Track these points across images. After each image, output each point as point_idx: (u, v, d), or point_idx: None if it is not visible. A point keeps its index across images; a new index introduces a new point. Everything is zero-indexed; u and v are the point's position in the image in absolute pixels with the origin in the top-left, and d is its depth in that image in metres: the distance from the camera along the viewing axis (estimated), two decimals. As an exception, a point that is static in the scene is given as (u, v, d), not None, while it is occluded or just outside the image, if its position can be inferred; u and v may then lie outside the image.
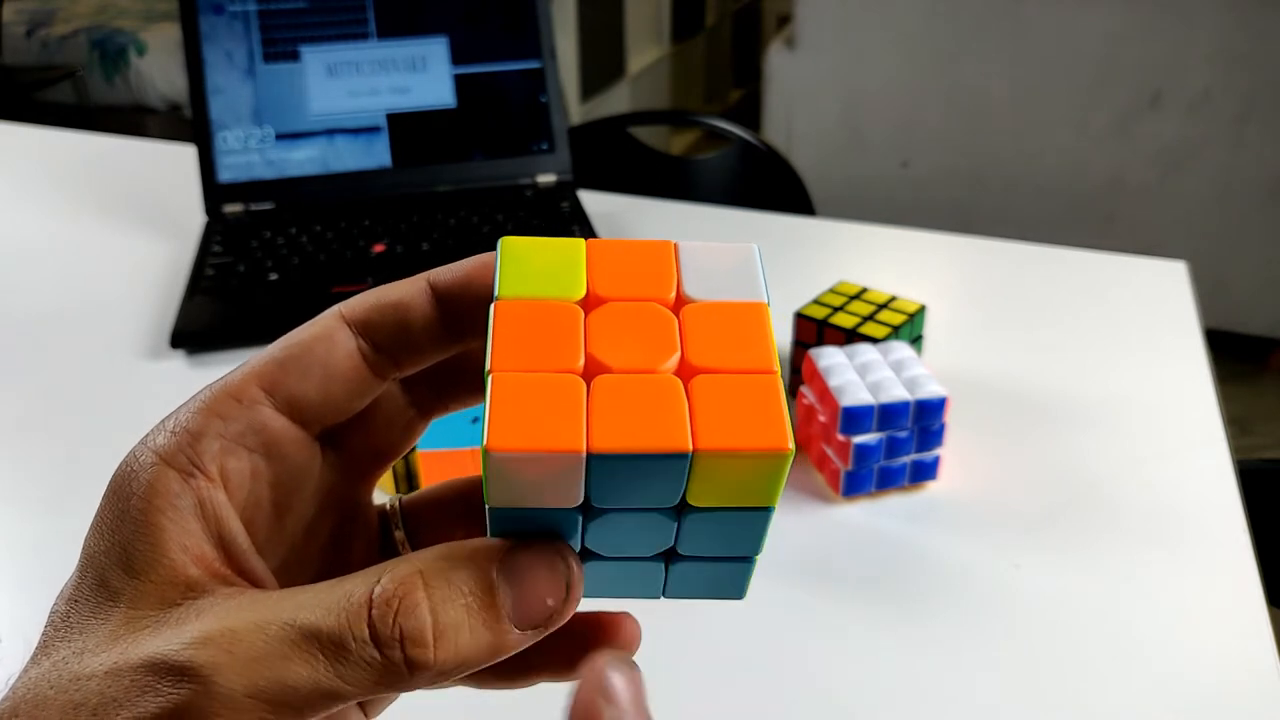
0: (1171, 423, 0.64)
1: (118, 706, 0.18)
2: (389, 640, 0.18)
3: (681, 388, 0.19)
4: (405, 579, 0.19)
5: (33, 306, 0.79)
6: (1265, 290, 2.02)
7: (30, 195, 0.99)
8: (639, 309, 0.21)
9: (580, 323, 0.20)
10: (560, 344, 0.20)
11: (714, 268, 0.22)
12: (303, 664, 0.18)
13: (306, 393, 0.22)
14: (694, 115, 1.30)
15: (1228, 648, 0.48)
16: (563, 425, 0.18)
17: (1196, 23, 1.89)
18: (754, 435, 0.19)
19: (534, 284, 0.21)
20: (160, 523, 0.20)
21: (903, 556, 0.53)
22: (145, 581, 0.19)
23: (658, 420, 0.19)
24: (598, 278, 0.21)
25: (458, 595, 0.19)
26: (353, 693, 0.18)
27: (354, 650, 0.18)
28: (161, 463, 0.20)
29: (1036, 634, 0.49)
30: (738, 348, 0.20)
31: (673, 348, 0.20)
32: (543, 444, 0.18)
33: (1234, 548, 0.54)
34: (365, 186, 0.86)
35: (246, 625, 0.18)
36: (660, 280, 0.21)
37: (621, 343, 0.20)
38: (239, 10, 0.84)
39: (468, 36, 0.88)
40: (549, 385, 0.19)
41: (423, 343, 0.22)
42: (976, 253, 0.87)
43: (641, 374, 0.19)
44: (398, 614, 0.18)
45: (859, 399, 0.54)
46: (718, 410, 0.19)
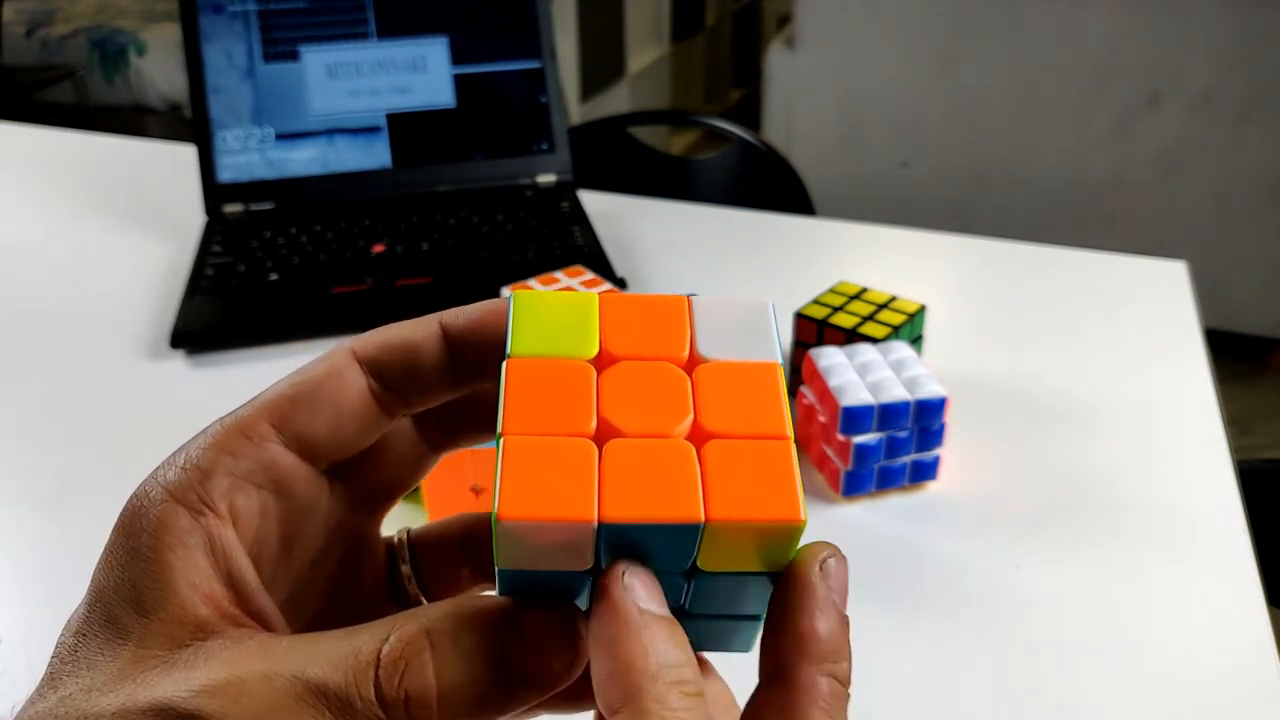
0: (1171, 423, 0.64)
1: None
2: (394, 702, 0.18)
3: (694, 454, 0.19)
4: (412, 639, 0.19)
5: (32, 306, 0.79)
6: (1265, 290, 2.02)
7: (30, 195, 0.99)
8: (652, 369, 0.20)
9: (593, 383, 0.20)
10: (572, 406, 0.19)
11: (727, 324, 0.21)
12: (308, 719, 0.18)
13: (316, 430, 0.22)
14: (694, 115, 1.30)
15: (1228, 648, 0.48)
16: (574, 493, 0.18)
17: (1196, 23, 1.89)
18: (766, 506, 0.19)
19: (546, 341, 0.20)
20: (170, 561, 0.20)
21: (903, 556, 0.53)
22: (154, 620, 0.19)
23: (670, 489, 0.18)
24: (610, 335, 0.21)
25: (464, 658, 0.19)
26: None
27: (360, 709, 0.18)
28: (171, 499, 0.20)
29: (1036, 634, 0.49)
30: (751, 411, 0.20)
31: (685, 411, 0.20)
32: (553, 513, 0.18)
33: (1234, 548, 0.54)
34: (365, 186, 0.86)
35: (254, 675, 0.18)
36: (673, 337, 0.21)
37: (634, 405, 0.20)
38: (239, 10, 0.84)
39: (468, 36, 0.88)
40: (561, 450, 0.19)
41: (432, 384, 0.22)
42: (976, 253, 0.87)
43: (654, 439, 0.19)
44: (404, 676, 0.18)
45: (859, 399, 0.54)
46: (730, 479, 0.19)
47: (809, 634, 0.19)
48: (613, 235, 0.87)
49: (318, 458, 0.22)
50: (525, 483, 0.18)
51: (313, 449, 0.22)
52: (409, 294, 0.76)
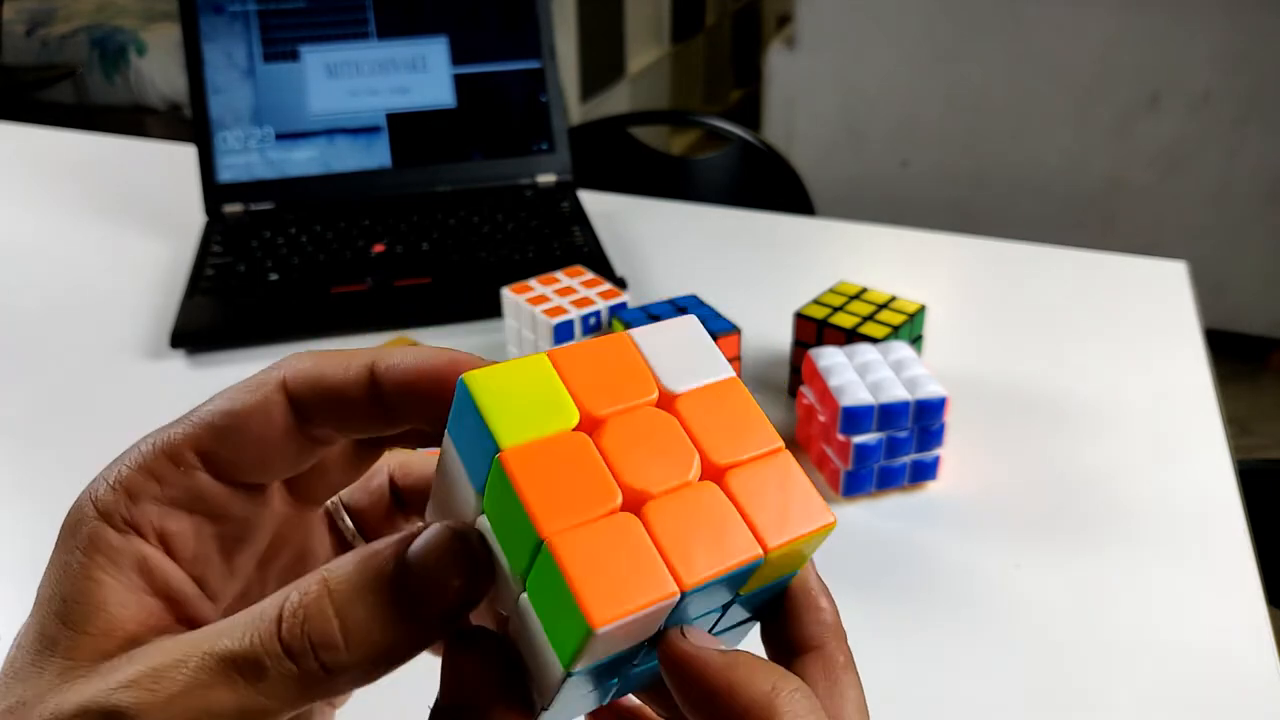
0: (1171, 422, 0.64)
1: None
2: (301, 651, 0.18)
3: (723, 495, 0.19)
4: (311, 589, 0.19)
5: (32, 306, 0.79)
6: (1265, 290, 2.02)
7: (30, 195, 0.99)
8: (639, 419, 0.20)
9: (594, 451, 0.19)
10: (590, 482, 0.19)
11: (674, 352, 0.21)
12: (224, 690, 0.18)
13: (241, 462, 0.22)
14: (694, 115, 1.30)
15: (1228, 647, 0.48)
16: (646, 573, 0.18)
17: (1196, 24, 1.89)
18: (805, 518, 0.20)
19: (527, 421, 0.19)
20: (99, 578, 0.20)
21: (902, 556, 0.53)
22: (81, 634, 0.20)
23: (723, 535, 0.19)
24: (582, 395, 0.20)
25: (362, 594, 0.19)
26: (279, 707, 0.19)
27: (270, 667, 0.18)
28: (101, 518, 0.20)
29: (1036, 633, 0.49)
30: (741, 432, 0.20)
31: (690, 451, 0.20)
32: (640, 601, 0.18)
33: (1234, 548, 0.54)
34: (365, 186, 0.86)
35: (168, 663, 0.19)
36: (638, 380, 0.21)
37: (643, 460, 0.19)
38: (239, 10, 0.84)
39: (468, 36, 0.88)
40: (609, 534, 0.18)
41: (361, 425, 0.22)
42: (976, 253, 0.87)
43: (681, 490, 0.19)
44: (305, 623, 0.18)
45: (859, 399, 0.54)
46: (763, 505, 0.20)
47: (826, 610, 0.22)
48: (613, 235, 0.87)
49: (248, 484, 0.22)
50: (598, 582, 0.18)
51: (241, 477, 0.22)
52: (409, 294, 0.76)
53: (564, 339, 0.63)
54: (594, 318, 0.64)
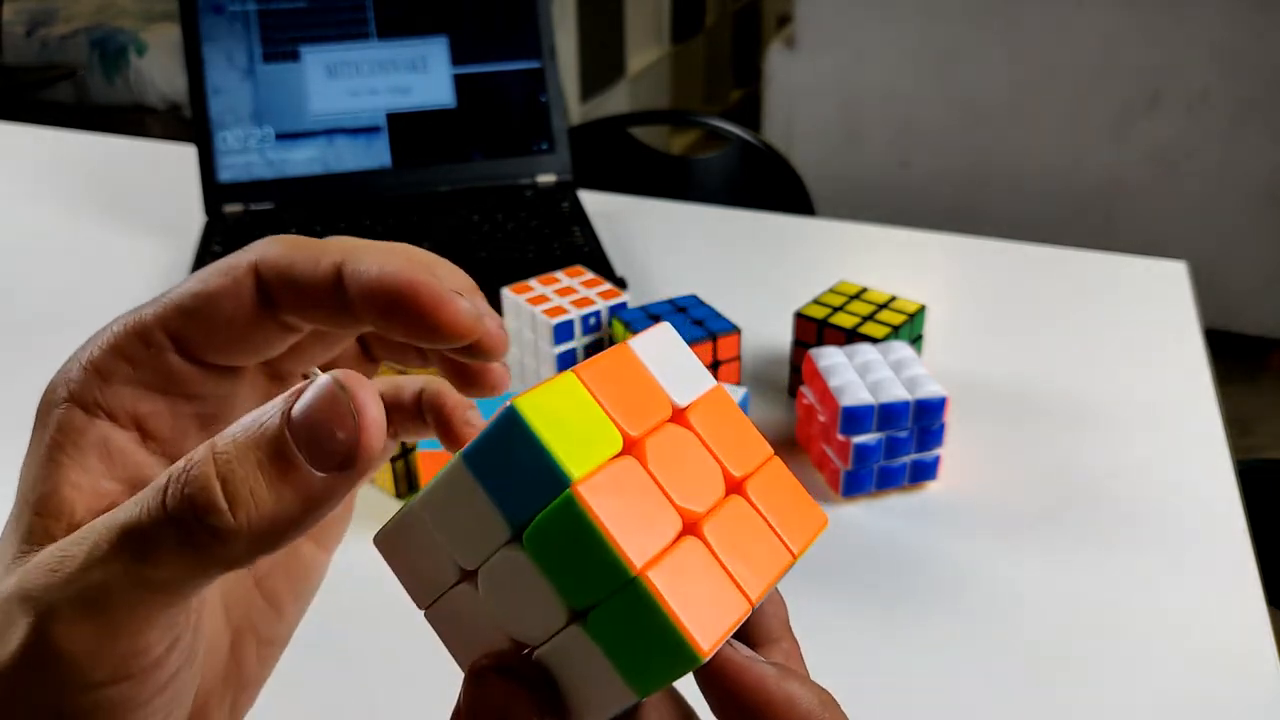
0: (1171, 423, 0.64)
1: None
2: (185, 518, 0.18)
3: (750, 508, 0.21)
4: (197, 453, 0.18)
5: (32, 306, 0.79)
6: (1265, 290, 2.03)
7: (30, 195, 0.99)
8: (669, 438, 0.20)
9: (648, 477, 0.19)
10: (654, 510, 0.19)
11: (669, 363, 0.21)
12: (117, 564, 0.18)
13: (212, 342, 0.21)
14: (694, 115, 1.30)
15: (1228, 648, 0.48)
16: (723, 594, 0.19)
17: (1194, 23, 1.89)
18: (810, 521, 0.21)
19: (583, 449, 0.19)
20: (60, 460, 0.20)
21: (902, 556, 0.53)
22: (37, 516, 0.20)
23: (762, 546, 0.20)
24: (616, 415, 0.20)
25: (247, 454, 0.18)
26: (175, 578, 0.18)
27: (154, 535, 0.18)
28: (70, 400, 0.20)
29: (1036, 633, 0.49)
30: (741, 442, 0.21)
31: (715, 468, 0.21)
32: (728, 621, 0.19)
33: (1234, 548, 0.54)
34: (365, 186, 0.86)
35: (73, 541, 0.18)
36: (654, 396, 0.21)
37: (684, 481, 0.20)
38: (239, 10, 0.84)
39: (468, 36, 0.88)
40: (683, 560, 0.19)
41: (326, 320, 0.21)
42: (976, 253, 0.87)
43: (720, 508, 0.20)
44: (185, 488, 0.18)
45: (859, 399, 0.54)
46: (780, 512, 0.21)
47: (782, 607, 0.23)
48: (613, 235, 0.87)
49: (219, 365, 0.22)
50: (694, 608, 0.18)
51: (211, 358, 0.21)
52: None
53: (564, 339, 0.63)
54: (594, 318, 0.64)
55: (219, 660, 0.24)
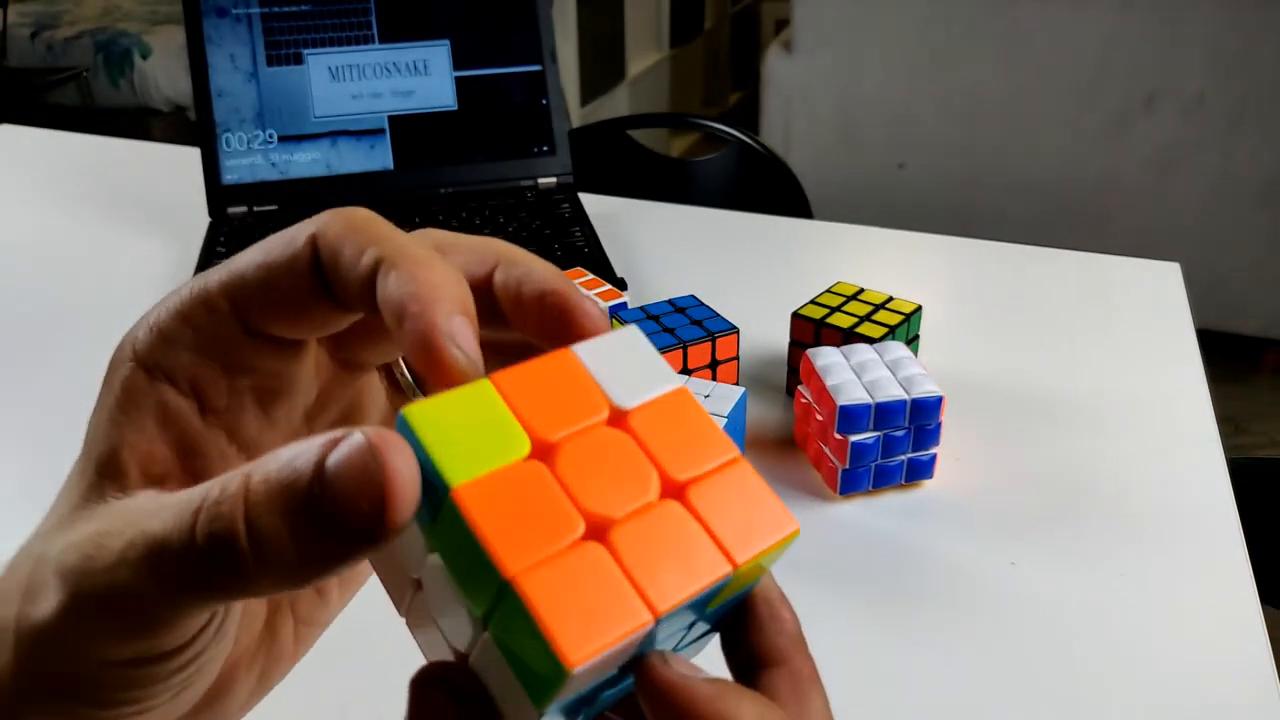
0: (1165, 422, 0.64)
1: (34, 595, 0.19)
2: (208, 552, 0.18)
3: (686, 512, 0.19)
4: (231, 486, 0.18)
5: (37, 308, 0.79)
6: (1258, 290, 2.03)
7: (35, 196, 0.99)
8: (594, 440, 0.19)
9: (551, 480, 0.19)
10: (551, 513, 0.18)
11: (619, 365, 0.21)
12: (144, 574, 0.18)
13: (271, 316, 0.21)
14: (693, 118, 1.31)
15: (1221, 646, 0.48)
16: (618, 603, 0.17)
17: (1190, 25, 1.90)
18: (769, 529, 0.19)
19: (476, 454, 0.18)
20: (120, 420, 0.20)
21: (898, 555, 0.54)
22: (91, 473, 0.20)
23: (691, 555, 0.18)
24: (531, 420, 0.19)
25: (275, 502, 0.17)
26: (189, 603, 0.18)
27: (179, 558, 0.18)
28: (135, 361, 0.21)
29: (1031, 632, 0.49)
30: (695, 444, 0.20)
31: (648, 470, 0.19)
32: (614, 634, 0.17)
33: (1227, 547, 0.54)
34: (368, 188, 0.87)
35: (114, 529, 0.19)
36: (587, 399, 0.20)
37: (602, 484, 0.19)
38: (242, 13, 0.85)
39: (469, 40, 0.88)
40: (576, 567, 0.18)
41: (368, 311, 0.20)
42: (972, 254, 0.87)
43: (643, 513, 0.19)
44: (212, 523, 0.18)
45: (855, 398, 0.54)
46: (727, 519, 0.19)
47: (791, 623, 0.21)
48: (613, 237, 0.87)
49: (278, 339, 0.21)
50: (569, 619, 0.17)
51: (270, 332, 0.21)
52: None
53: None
54: (594, 318, 0.64)
55: (252, 632, 0.24)
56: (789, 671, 0.21)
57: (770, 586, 0.21)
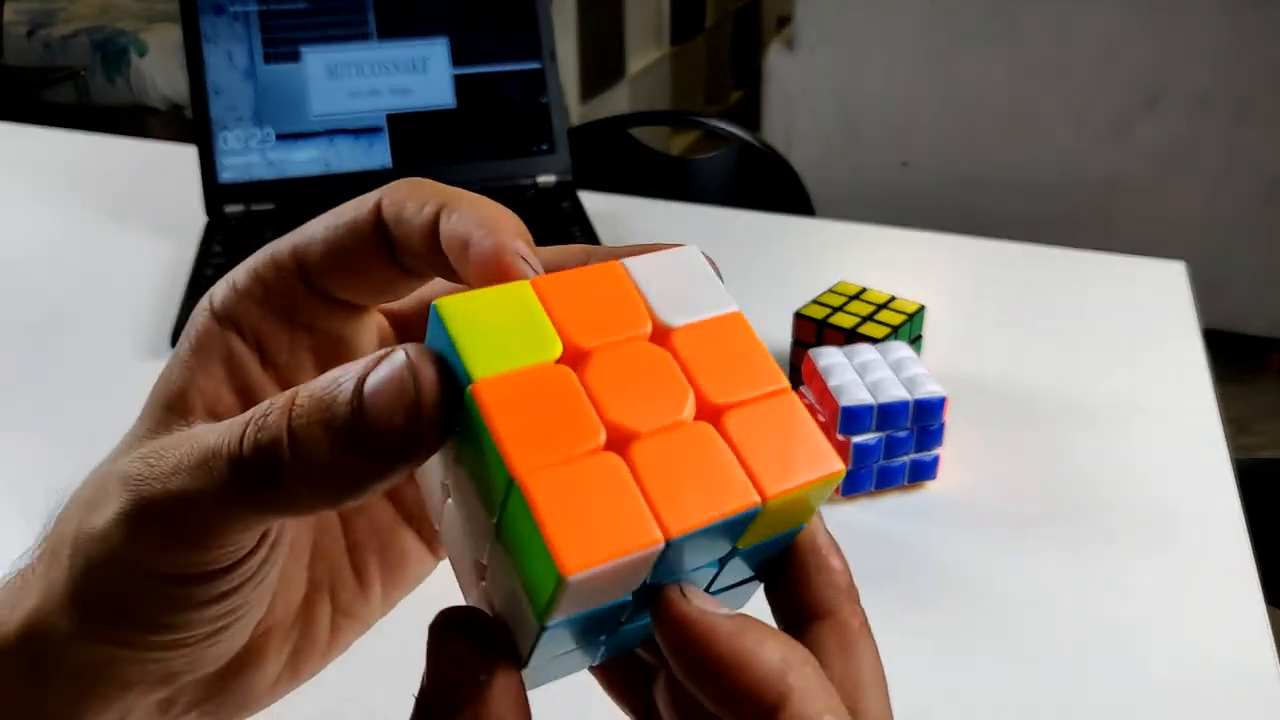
0: (1170, 422, 0.64)
1: (95, 506, 0.21)
2: (252, 463, 0.18)
3: (719, 437, 0.18)
4: (279, 401, 0.19)
5: (33, 307, 0.79)
6: (1264, 290, 2.03)
7: (31, 195, 0.99)
8: (630, 352, 0.18)
9: (578, 385, 0.18)
10: (572, 419, 0.17)
11: (671, 281, 0.20)
12: (198, 480, 0.19)
13: (333, 277, 0.22)
14: (694, 116, 1.30)
15: (1227, 647, 0.48)
16: (628, 519, 0.16)
17: (1195, 23, 1.89)
18: (809, 465, 0.18)
19: (504, 352, 0.18)
20: (192, 363, 0.22)
21: (901, 556, 0.53)
22: (165, 410, 0.22)
23: (717, 480, 0.17)
24: (567, 325, 0.18)
25: (318, 416, 0.18)
26: (238, 511, 0.19)
27: (226, 466, 0.19)
28: (212, 311, 0.22)
29: (1034, 632, 0.49)
30: (741, 370, 0.19)
31: (684, 389, 0.18)
32: (620, 549, 0.16)
33: (1232, 547, 0.54)
34: (366, 187, 0.85)
35: (173, 443, 0.20)
36: (630, 311, 0.19)
37: (632, 397, 0.18)
38: (240, 11, 0.85)
39: (468, 38, 0.88)
40: (589, 474, 0.17)
41: (432, 268, 0.21)
42: (975, 253, 0.87)
43: (672, 431, 0.18)
44: (258, 433, 0.18)
45: (858, 399, 0.54)
46: (763, 449, 0.18)
47: (839, 571, 0.20)
48: (613, 236, 0.87)
49: (344, 302, 0.22)
50: (574, 525, 0.16)
51: (334, 294, 0.22)
52: (409, 294, 0.76)
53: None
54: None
55: (288, 605, 0.24)
56: (836, 624, 0.20)
57: (818, 533, 0.20)
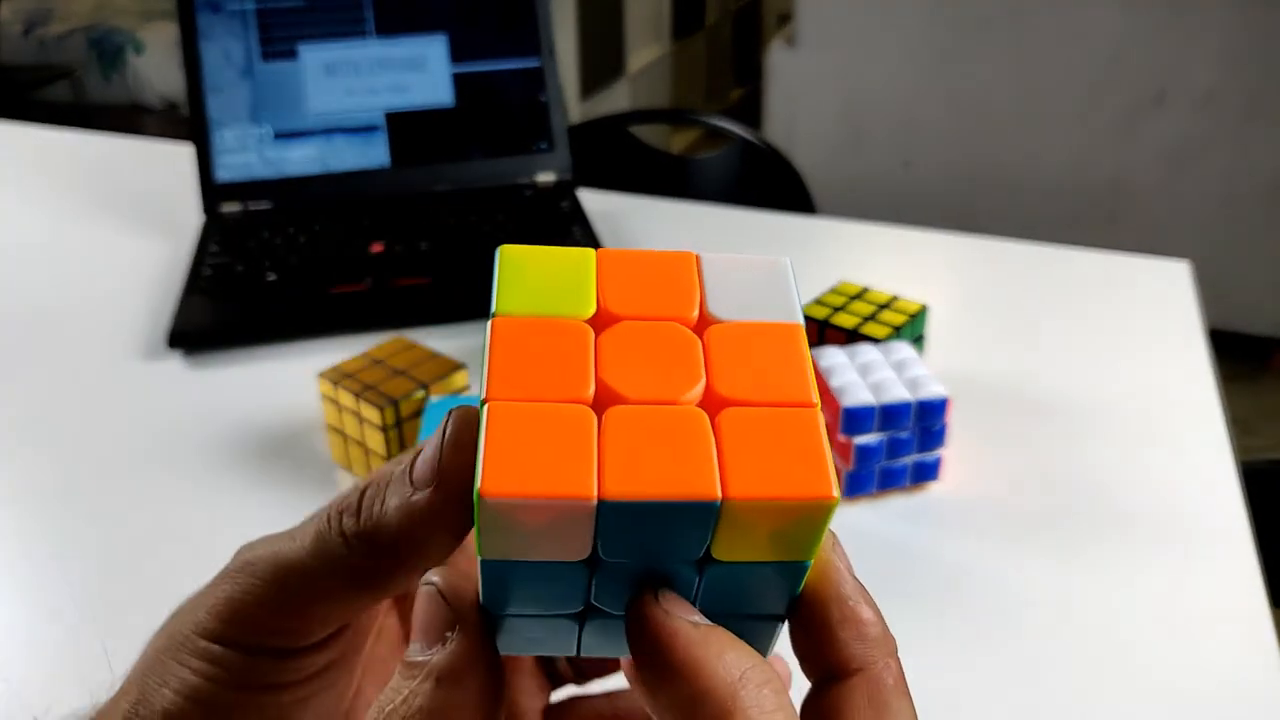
0: (1175, 423, 0.63)
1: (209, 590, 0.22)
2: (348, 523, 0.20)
3: (708, 423, 0.17)
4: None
5: (29, 306, 0.79)
6: (1269, 290, 2.02)
7: (27, 194, 0.98)
8: (657, 329, 0.18)
9: (590, 344, 0.18)
10: (568, 368, 0.17)
11: (741, 283, 0.19)
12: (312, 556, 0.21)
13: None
14: (694, 114, 1.30)
15: (1231, 648, 0.48)
16: (570, 466, 0.16)
17: (1201, 21, 1.88)
18: (793, 481, 0.16)
19: (538, 299, 0.18)
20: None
21: (904, 557, 0.53)
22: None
23: (681, 462, 0.16)
24: (610, 292, 0.18)
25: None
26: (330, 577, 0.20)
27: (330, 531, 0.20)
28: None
29: (1038, 634, 0.48)
30: (770, 376, 0.18)
31: (697, 375, 0.17)
32: (547, 489, 0.16)
33: (1237, 548, 0.53)
34: (364, 186, 0.86)
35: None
36: (681, 296, 0.19)
37: (638, 368, 0.17)
38: (237, 9, 0.84)
39: (467, 35, 0.87)
40: (554, 417, 0.16)
41: None
42: (979, 252, 0.86)
43: (661, 405, 0.17)
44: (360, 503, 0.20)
45: (860, 399, 0.53)
46: (750, 450, 0.17)
47: (869, 623, 0.18)
48: (613, 234, 0.86)
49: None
50: (514, 455, 0.16)
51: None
52: (408, 294, 0.76)
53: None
54: (593, 318, 0.63)
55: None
56: (867, 680, 0.18)
57: (843, 581, 0.19)
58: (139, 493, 0.57)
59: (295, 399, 0.64)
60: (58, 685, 0.45)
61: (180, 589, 0.23)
